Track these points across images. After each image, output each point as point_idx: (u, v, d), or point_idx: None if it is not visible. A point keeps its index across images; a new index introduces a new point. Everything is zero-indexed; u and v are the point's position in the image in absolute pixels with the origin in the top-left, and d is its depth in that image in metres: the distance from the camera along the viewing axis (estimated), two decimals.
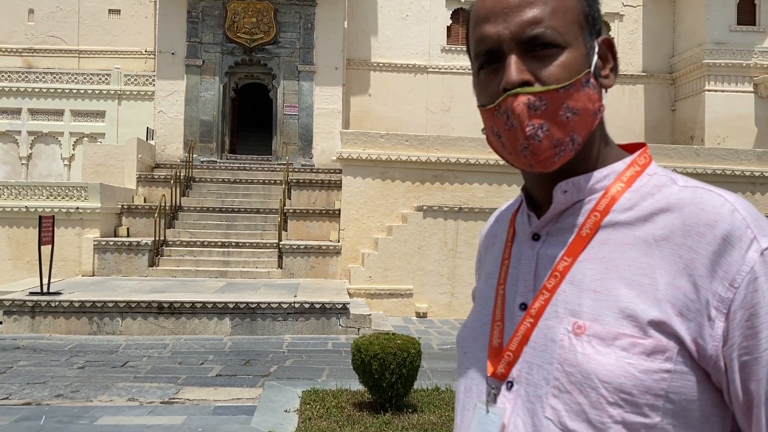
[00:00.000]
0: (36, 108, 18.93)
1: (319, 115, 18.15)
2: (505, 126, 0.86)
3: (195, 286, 11.64)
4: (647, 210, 0.85)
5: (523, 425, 0.85)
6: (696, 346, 0.79)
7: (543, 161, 0.86)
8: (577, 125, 0.85)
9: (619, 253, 0.84)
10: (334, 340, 9.77)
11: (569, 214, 0.90)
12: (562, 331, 0.83)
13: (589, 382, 0.80)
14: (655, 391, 0.78)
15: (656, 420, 0.78)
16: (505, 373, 0.89)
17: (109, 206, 13.67)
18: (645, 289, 0.80)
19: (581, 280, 0.85)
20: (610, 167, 0.91)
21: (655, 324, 0.79)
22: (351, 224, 13.05)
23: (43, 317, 9.85)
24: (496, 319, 0.93)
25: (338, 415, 5.46)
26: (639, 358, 0.79)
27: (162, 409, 6.44)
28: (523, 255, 0.94)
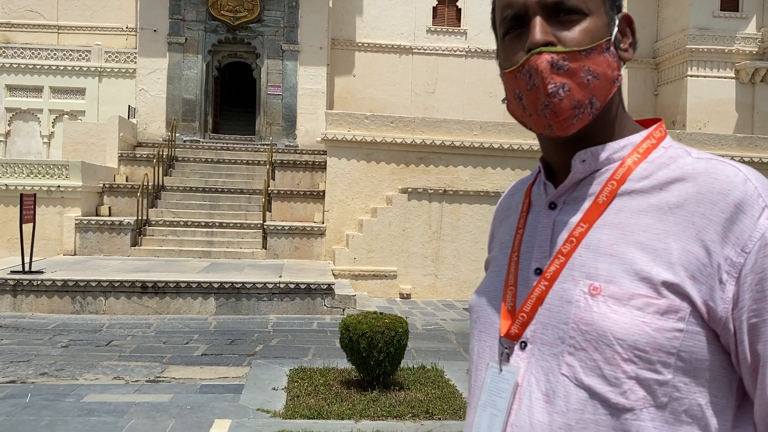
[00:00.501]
0: (14, 84, 18.58)
1: (303, 96, 18.03)
2: (527, 86, 0.89)
3: (179, 266, 11.59)
4: (662, 179, 0.89)
5: (537, 382, 0.88)
6: (707, 308, 0.83)
7: (562, 121, 0.89)
8: (596, 89, 0.89)
9: (634, 219, 0.88)
10: (319, 320, 9.82)
11: (586, 183, 0.94)
12: (578, 292, 0.87)
13: (605, 339, 0.83)
14: (668, 348, 0.82)
15: (668, 377, 0.82)
16: (518, 333, 0.92)
17: (91, 185, 13.51)
18: (659, 254, 0.84)
19: (597, 245, 0.88)
20: (627, 139, 0.94)
21: (668, 285, 0.83)
22: (335, 206, 13.05)
23: (25, 296, 9.77)
24: (509, 284, 0.97)
25: (326, 392, 5.52)
26: (653, 317, 0.82)
27: (148, 388, 6.44)
28: (539, 223, 0.97)
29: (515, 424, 0.89)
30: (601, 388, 0.84)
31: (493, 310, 0.98)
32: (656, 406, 0.83)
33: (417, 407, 5.21)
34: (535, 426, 0.87)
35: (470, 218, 12.51)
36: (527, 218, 1.00)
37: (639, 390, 0.83)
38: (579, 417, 0.84)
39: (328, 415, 5.02)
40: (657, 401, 0.83)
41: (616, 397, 0.83)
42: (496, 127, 13.37)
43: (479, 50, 20.25)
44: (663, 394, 0.83)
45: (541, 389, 0.88)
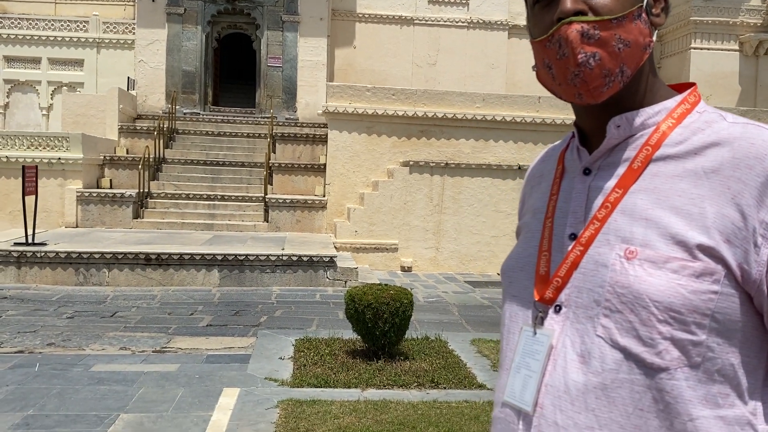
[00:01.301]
0: (11, 55, 18.40)
1: (303, 68, 17.88)
2: (557, 55, 0.90)
3: (181, 238, 11.63)
4: (698, 144, 0.90)
5: (572, 344, 0.91)
6: (741, 271, 0.85)
7: (592, 90, 0.90)
8: (627, 57, 0.89)
9: (669, 184, 0.89)
10: (321, 292, 9.88)
11: (620, 149, 0.95)
12: (613, 256, 0.88)
13: (641, 301, 0.85)
14: (702, 310, 0.84)
15: (702, 338, 0.85)
16: (552, 297, 0.94)
17: (92, 157, 13.48)
18: (694, 218, 0.86)
19: (632, 209, 0.90)
20: (661, 104, 0.95)
21: (703, 249, 0.85)
22: (336, 179, 13.04)
23: (29, 268, 9.81)
24: (543, 250, 0.98)
25: (332, 362, 5.58)
26: (688, 279, 0.84)
27: (155, 358, 6.51)
28: (573, 189, 0.98)
29: (550, 384, 0.91)
30: (637, 349, 0.86)
31: (526, 275, 1.00)
32: (690, 365, 0.85)
33: (422, 376, 5.28)
34: (570, 386, 0.89)
35: (472, 191, 12.51)
36: (561, 184, 1.01)
37: (674, 350, 0.85)
38: (614, 377, 0.87)
39: (335, 383, 5.09)
40: (691, 361, 0.85)
41: (651, 357, 0.85)
42: (499, 99, 13.31)
43: (481, 21, 20.02)
44: (697, 354, 0.85)
45: (576, 351, 0.90)
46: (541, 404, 0.92)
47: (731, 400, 0.86)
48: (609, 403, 0.87)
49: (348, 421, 4.25)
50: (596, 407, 0.88)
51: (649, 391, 0.86)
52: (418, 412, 4.47)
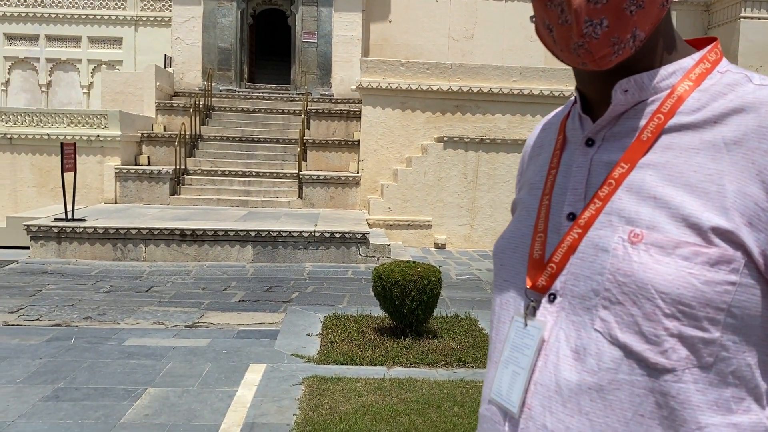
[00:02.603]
0: (53, 34, 18.73)
1: (338, 43, 17.74)
2: (559, 21, 0.77)
3: (216, 214, 11.74)
4: (718, 111, 0.77)
5: (566, 338, 0.80)
6: (764, 259, 0.73)
7: (598, 60, 0.78)
8: (640, 19, 0.76)
9: (684, 158, 0.77)
10: (354, 269, 9.87)
11: (629, 116, 0.82)
12: (616, 240, 0.77)
13: (645, 292, 0.74)
14: (717, 304, 0.73)
15: (716, 335, 0.73)
16: (546, 285, 0.83)
17: (129, 134, 13.67)
18: (711, 197, 0.74)
19: (640, 186, 0.78)
20: (677, 63, 0.81)
21: (720, 233, 0.73)
22: (370, 155, 12.96)
23: (69, 243, 10.04)
24: (538, 231, 0.87)
25: (359, 339, 5.56)
26: (702, 268, 0.73)
27: (187, 332, 6.60)
28: (574, 162, 0.86)
29: (539, 382, 0.81)
30: (639, 347, 0.75)
31: (519, 259, 0.89)
32: (700, 366, 0.74)
33: (450, 355, 5.21)
34: (561, 385, 0.79)
35: (507, 167, 12.29)
36: (561, 157, 0.89)
37: (682, 349, 0.74)
38: (612, 377, 0.76)
39: (361, 361, 5.06)
40: (701, 361, 0.74)
41: (655, 356, 0.74)
42: (537, 72, 12.98)
43: None
44: (709, 353, 0.74)
45: (570, 346, 0.79)
46: (529, 405, 0.82)
47: (746, 404, 0.75)
48: (605, 406, 0.76)
49: (372, 399, 4.22)
50: (591, 411, 0.77)
51: (652, 394, 0.75)
52: (444, 390, 4.41)
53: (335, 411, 4.00)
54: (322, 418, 3.89)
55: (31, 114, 13.35)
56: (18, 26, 18.69)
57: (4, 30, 18.77)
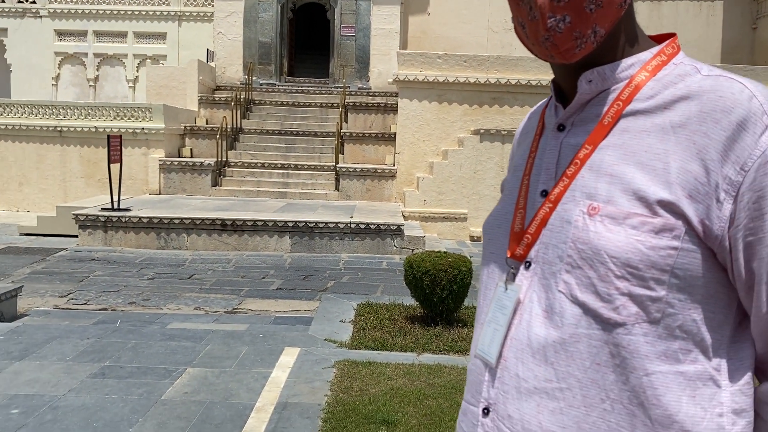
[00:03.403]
0: (101, 30, 19.33)
1: (376, 36, 17.85)
2: (528, 17, 0.88)
3: (256, 205, 12.02)
4: (668, 98, 0.87)
5: (538, 299, 0.91)
6: (703, 227, 0.83)
7: (563, 53, 0.88)
8: (600, 17, 0.86)
9: (637, 139, 0.87)
10: (388, 260, 10.01)
11: (594, 104, 0.92)
12: (577, 212, 0.88)
13: (599, 257, 0.85)
14: (661, 266, 0.83)
15: (661, 293, 0.84)
16: (523, 254, 0.94)
17: (173, 127, 14.06)
18: (658, 173, 0.84)
19: (599, 165, 0.88)
20: (636, 56, 0.91)
21: (664, 204, 0.83)
22: (406, 148, 13.06)
23: (115, 232, 10.43)
24: (519, 207, 0.98)
25: (391, 326, 5.69)
26: (647, 235, 0.83)
27: (226, 318, 6.84)
28: (547, 145, 0.97)
29: (514, 337, 0.93)
30: (595, 304, 0.86)
31: (503, 233, 1.00)
32: (649, 321, 0.84)
33: None
34: (532, 339, 0.90)
35: None
36: (539, 141, 1.00)
37: (631, 306, 0.84)
38: (573, 331, 0.87)
39: (392, 347, 5.19)
40: (650, 317, 0.84)
41: (608, 312, 0.85)
42: None
43: None
44: (656, 310, 0.84)
45: (541, 306, 0.90)
46: (505, 357, 0.93)
47: (694, 356, 0.85)
48: (567, 357, 0.87)
49: (401, 383, 4.35)
50: (555, 361, 0.88)
51: (606, 346, 0.86)
52: None
53: (365, 393, 4.15)
54: (351, 399, 4.04)
55: (79, 108, 13.86)
56: (67, 23, 19.34)
57: (55, 26, 19.45)
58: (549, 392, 0.89)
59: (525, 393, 0.90)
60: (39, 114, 13.75)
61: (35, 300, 7.39)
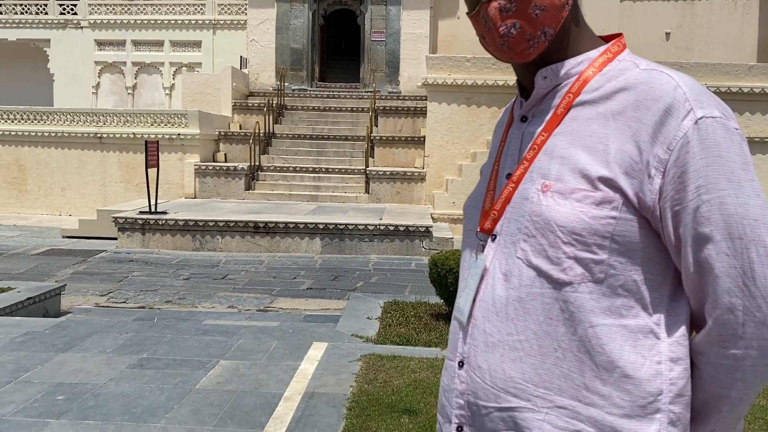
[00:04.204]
0: (138, 39, 19.91)
1: (406, 41, 18.04)
2: (485, 28, 1.03)
3: (288, 208, 12.29)
4: (609, 90, 1.01)
5: (499, 265, 1.06)
6: (638, 199, 0.96)
7: (520, 53, 1.03)
8: (546, 19, 1.00)
9: (583, 126, 1.01)
10: (417, 261, 10.15)
11: (549, 97, 1.07)
12: (533, 190, 1.02)
13: (549, 227, 0.99)
14: (602, 233, 0.97)
15: (603, 257, 0.97)
16: (490, 228, 1.09)
17: (208, 133, 14.45)
18: (599, 154, 0.98)
19: (552, 150, 1.02)
20: (585, 55, 1.06)
21: (604, 180, 0.97)
22: (435, 151, 13.19)
23: (152, 234, 10.79)
24: (489, 189, 1.14)
25: (416, 323, 5.84)
26: (589, 207, 0.97)
27: (258, 316, 7.08)
28: (513, 135, 1.13)
29: (481, 299, 1.08)
30: (546, 267, 1.00)
31: (477, 212, 1.16)
32: (594, 281, 0.98)
33: None
34: (495, 300, 1.05)
35: None
36: (508, 132, 1.15)
37: (577, 267, 0.98)
38: (528, 291, 1.01)
39: (416, 342, 5.33)
40: (594, 277, 0.98)
41: (557, 273, 0.99)
42: None
43: None
44: (599, 271, 0.98)
45: (502, 271, 1.05)
46: (474, 316, 1.08)
47: (635, 312, 0.98)
48: (524, 313, 1.01)
49: (424, 375, 4.49)
50: (515, 317, 1.02)
51: (557, 302, 0.99)
52: None
53: (388, 384, 4.30)
54: (375, 390, 4.19)
55: (118, 115, 14.34)
56: (107, 33, 19.99)
57: (95, 37, 20.10)
58: (510, 344, 1.03)
59: (491, 346, 1.05)
60: (80, 121, 14.26)
61: (77, 298, 7.74)
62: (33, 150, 14.44)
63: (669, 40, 19.12)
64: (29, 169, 14.47)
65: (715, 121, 0.94)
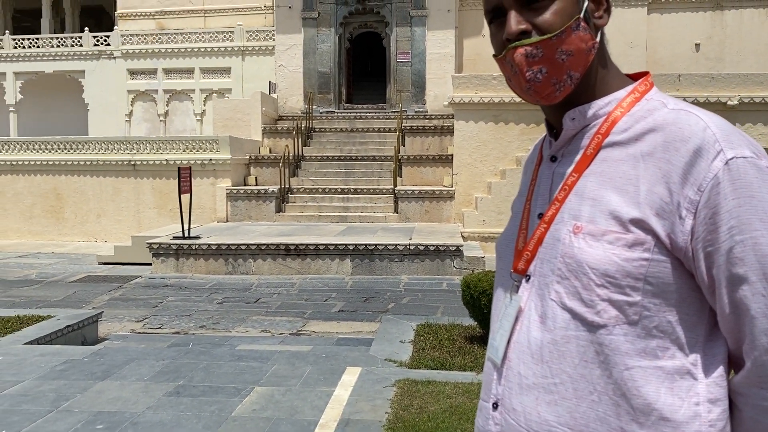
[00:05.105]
0: (169, 67, 20.38)
1: (431, 61, 18.14)
2: (512, 72, 1.04)
3: (318, 229, 12.36)
4: (639, 131, 1.02)
5: (535, 307, 1.07)
6: (669, 240, 0.96)
7: (546, 97, 1.04)
8: (572, 64, 1.01)
9: (613, 167, 1.02)
10: (448, 281, 10.10)
11: (578, 137, 1.08)
12: (565, 231, 1.03)
13: (581, 269, 0.99)
14: (635, 275, 0.97)
15: (637, 299, 0.97)
16: (524, 268, 1.10)
17: (238, 157, 14.66)
18: (630, 196, 0.98)
19: (583, 191, 1.03)
20: (612, 95, 1.07)
21: (635, 222, 0.97)
22: (464, 169, 13.17)
23: (186, 259, 10.94)
24: (521, 228, 1.14)
25: (450, 346, 5.79)
26: (621, 249, 0.97)
27: (291, 340, 7.10)
28: (543, 174, 1.13)
29: (516, 341, 1.08)
30: (580, 309, 1.00)
31: (510, 251, 1.16)
32: (628, 323, 0.98)
33: None
34: (531, 341, 1.06)
35: None
36: (538, 170, 1.16)
37: (611, 309, 0.98)
38: (563, 333, 1.02)
39: (451, 366, 5.29)
40: (628, 319, 0.98)
41: (591, 316, 0.99)
42: None
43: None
44: (633, 313, 0.98)
45: (537, 312, 1.06)
46: (509, 357, 1.09)
47: (671, 353, 0.98)
48: (559, 355, 1.02)
49: (460, 400, 4.44)
50: (550, 359, 1.03)
51: (592, 345, 0.99)
52: None
53: (424, 410, 4.27)
54: (411, 417, 4.16)
55: (151, 142, 14.64)
56: (139, 62, 20.50)
57: (128, 66, 20.63)
58: (545, 387, 1.03)
59: (525, 388, 1.05)
60: (114, 149, 14.60)
61: (114, 325, 7.86)
62: (69, 178, 14.80)
63: (699, 51, 18.88)
64: (66, 197, 14.83)
65: (746, 161, 0.94)
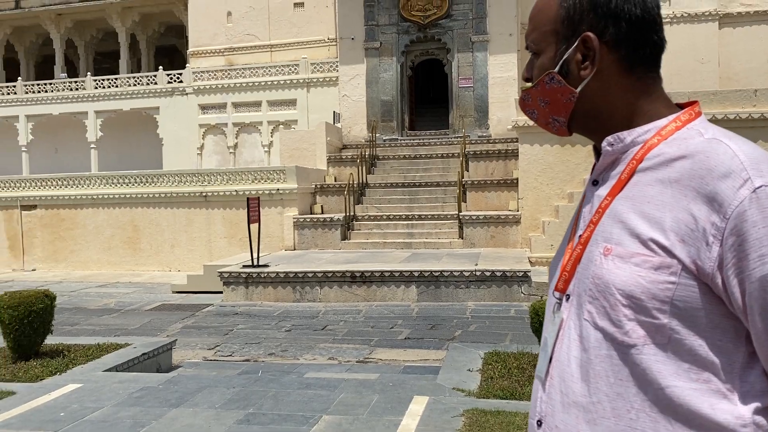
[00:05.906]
0: (238, 101, 21.12)
1: (493, 85, 18.08)
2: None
3: (383, 256, 12.40)
4: (669, 157, 1.03)
5: (574, 326, 1.09)
6: (695, 266, 0.97)
7: (552, 131, 1.18)
8: (552, 109, 1.14)
9: (642, 192, 1.04)
10: (516, 307, 9.91)
11: (617, 163, 1.11)
12: (597, 253, 1.06)
13: (608, 290, 1.02)
14: (661, 298, 0.98)
15: (664, 321, 0.98)
16: (563, 288, 1.13)
17: (305, 186, 14.95)
18: (656, 221, 1.00)
19: (614, 214, 1.06)
20: (653, 123, 1.09)
21: (661, 247, 0.99)
22: (529, 193, 12.97)
23: (255, 287, 11.17)
24: (568, 249, 1.17)
25: (519, 375, 5.66)
26: (648, 271, 0.99)
27: (358, 368, 7.11)
28: (587, 196, 1.17)
29: (558, 359, 1.10)
30: (610, 329, 1.02)
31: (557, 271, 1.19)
32: (656, 343, 0.99)
33: None
34: (571, 360, 1.08)
35: None
36: (585, 193, 1.21)
37: (639, 330, 0.99)
38: (597, 353, 1.04)
39: (521, 396, 5.16)
40: (656, 340, 0.99)
41: (621, 336, 1.01)
42: (707, 96, 12.27)
43: (685, 14, 18.63)
44: (661, 334, 0.98)
45: (576, 331, 1.08)
46: (551, 375, 1.11)
47: (706, 376, 0.98)
48: (595, 374, 1.04)
49: None
50: (587, 378, 1.05)
51: (625, 364, 1.01)
52: None
53: None
54: None
55: (222, 174, 15.14)
56: (210, 97, 21.34)
57: (199, 101, 21.50)
58: (585, 405, 1.05)
59: (567, 406, 1.07)
60: (187, 182, 15.17)
61: (187, 352, 8.08)
62: (145, 210, 15.45)
63: None
64: (142, 228, 15.47)
65: None
